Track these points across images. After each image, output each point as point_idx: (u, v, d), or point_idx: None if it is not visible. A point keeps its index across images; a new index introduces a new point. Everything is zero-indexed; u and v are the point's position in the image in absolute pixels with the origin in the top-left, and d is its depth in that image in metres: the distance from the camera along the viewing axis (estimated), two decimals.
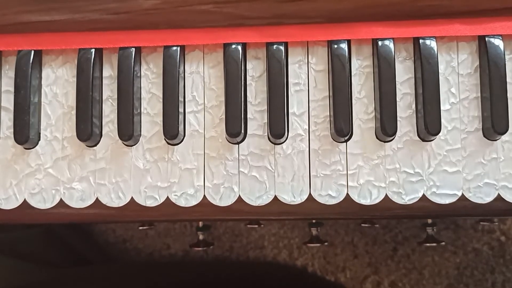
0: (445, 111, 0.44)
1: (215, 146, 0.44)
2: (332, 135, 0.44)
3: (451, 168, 0.43)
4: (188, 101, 0.45)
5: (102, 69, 0.46)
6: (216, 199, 0.44)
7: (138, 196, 0.45)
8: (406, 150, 0.44)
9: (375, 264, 0.84)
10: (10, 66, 0.46)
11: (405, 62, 0.44)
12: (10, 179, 0.46)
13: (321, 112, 0.44)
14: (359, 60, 0.44)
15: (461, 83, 0.44)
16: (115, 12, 0.45)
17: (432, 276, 0.83)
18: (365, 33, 0.44)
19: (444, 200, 0.43)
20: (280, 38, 0.44)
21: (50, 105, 0.46)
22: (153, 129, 0.45)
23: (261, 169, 0.44)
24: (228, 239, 0.84)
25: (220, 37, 0.44)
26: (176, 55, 0.44)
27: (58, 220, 0.46)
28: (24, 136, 0.45)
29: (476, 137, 0.44)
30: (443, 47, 0.44)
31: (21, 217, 0.46)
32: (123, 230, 0.87)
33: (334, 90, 0.43)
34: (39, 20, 0.45)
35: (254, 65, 0.45)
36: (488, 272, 0.82)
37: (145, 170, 0.45)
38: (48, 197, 0.45)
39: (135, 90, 0.45)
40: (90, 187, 0.45)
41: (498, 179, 0.43)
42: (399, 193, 0.43)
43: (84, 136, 0.44)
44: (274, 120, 0.43)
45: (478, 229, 0.82)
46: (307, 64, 0.45)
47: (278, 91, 0.43)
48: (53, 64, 0.46)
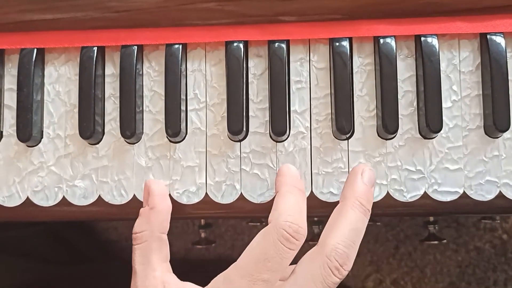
0: (447, 109, 0.44)
1: (217, 143, 0.45)
2: (333, 132, 0.44)
3: (452, 165, 0.43)
4: (190, 99, 0.45)
5: (104, 67, 0.46)
6: (218, 197, 0.44)
7: (140, 194, 0.45)
8: (408, 147, 0.44)
9: (377, 262, 0.84)
10: (13, 64, 0.47)
11: (407, 60, 0.44)
12: (13, 177, 0.46)
13: (322, 109, 0.44)
14: (360, 57, 0.44)
15: (462, 81, 0.44)
16: (117, 10, 0.45)
17: (434, 274, 0.83)
18: (366, 31, 0.44)
19: (445, 198, 0.43)
20: (281, 36, 0.44)
21: (52, 103, 0.46)
22: (155, 127, 0.45)
23: (262, 166, 0.44)
24: (230, 237, 0.84)
25: (222, 35, 0.44)
26: (178, 53, 0.44)
27: (60, 218, 0.47)
28: (27, 134, 0.45)
29: (478, 134, 0.44)
30: (445, 44, 0.44)
31: (23, 214, 0.46)
32: (125, 228, 0.87)
33: (336, 87, 0.43)
34: (41, 18, 0.45)
35: (255, 63, 0.45)
36: (490, 270, 0.82)
37: (147, 168, 0.45)
38: (51, 195, 0.45)
39: (137, 88, 0.45)
40: (93, 184, 0.45)
41: (499, 176, 0.43)
42: (401, 191, 0.43)
43: (87, 134, 0.44)
44: (275, 117, 0.43)
45: (480, 227, 0.82)
46: (309, 61, 0.45)
47: (279, 89, 0.43)
48: (55, 62, 0.47)
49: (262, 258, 0.37)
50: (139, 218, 0.42)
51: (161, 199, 0.42)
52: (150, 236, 0.41)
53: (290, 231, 0.38)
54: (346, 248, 0.38)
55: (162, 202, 0.42)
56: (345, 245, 0.38)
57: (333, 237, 0.38)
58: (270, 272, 0.37)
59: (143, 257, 0.40)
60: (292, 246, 0.37)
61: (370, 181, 0.41)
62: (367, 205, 0.40)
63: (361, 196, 0.40)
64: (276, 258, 0.37)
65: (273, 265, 0.37)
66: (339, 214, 0.40)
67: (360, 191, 0.40)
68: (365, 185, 0.40)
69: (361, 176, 0.41)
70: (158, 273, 0.40)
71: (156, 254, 0.41)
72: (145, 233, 0.41)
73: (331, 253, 0.37)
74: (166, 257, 0.41)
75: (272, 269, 0.37)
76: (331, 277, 0.37)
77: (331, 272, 0.37)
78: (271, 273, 0.37)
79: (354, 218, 0.39)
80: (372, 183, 0.41)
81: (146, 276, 0.39)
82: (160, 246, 0.41)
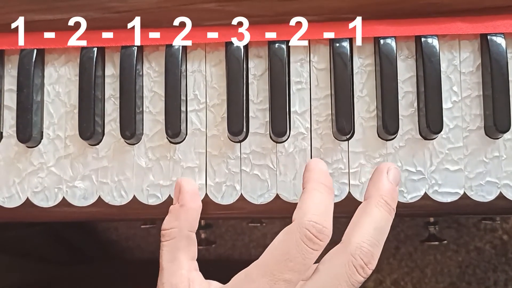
0: (447, 110, 0.43)
1: (217, 144, 0.45)
2: (334, 133, 0.44)
3: (453, 166, 0.43)
4: (190, 99, 0.45)
5: (104, 67, 0.46)
6: (218, 198, 0.44)
7: (140, 195, 0.45)
8: (408, 148, 0.44)
9: (377, 262, 0.84)
10: (13, 65, 0.47)
11: (407, 60, 0.44)
12: (13, 178, 0.46)
13: (323, 110, 0.44)
14: (361, 58, 0.44)
15: (463, 81, 0.44)
16: (118, 10, 0.45)
17: (434, 274, 0.83)
18: (367, 31, 0.43)
19: (446, 199, 0.43)
20: (282, 36, 0.44)
21: (52, 104, 0.46)
22: (155, 128, 0.45)
23: (263, 167, 0.44)
24: (230, 237, 0.84)
25: (222, 36, 0.44)
26: (178, 54, 0.44)
27: (60, 219, 0.47)
28: (26, 134, 0.45)
29: (478, 135, 0.43)
30: (445, 45, 0.44)
31: (23, 215, 0.46)
32: (125, 228, 0.87)
33: (336, 88, 0.43)
34: (41, 19, 0.45)
35: (256, 64, 0.45)
36: (490, 270, 0.82)
37: (147, 169, 0.45)
38: (51, 196, 0.45)
39: (137, 88, 0.45)
40: (93, 185, 0.45)
41: (500, 177, 0.43)
42: (401, 192, 0.43)
43: (87, 135, 0.44)
44: (276, 118, 0.43)
45: (480, 228, 0.82)
46: (309, 62, 0.45)
47: (280, 90, 0.43)
48: (55, 63, 0.46)
49: (284, 258, 0.36)
50: (169, 215, 0.41)
51: (191, 197, 0.42)
52: (179, 234, 0.40)
53: (313, 231, 0.37)
54: (371, 246, 0.37)
55: (192, 201, 0.42)
56: (370, 243, 0.37)
57: (358, 236, 0.37)
58: (292, 272, 0.36)
59: (171, 254, 0.40)
60: (315, 247, 0.37)
61: (395, 179, 0.41)
62: (392, 203, 0.39)
63: (386, 195, 0.39)
64: (299, 258, 0.36)
65: (295, 265, 0.36)
66: (363, 212, 0.39)
67: (385, 189, 0.40)
68: (390, 183, 0.40)
69: (386, 174, 0.40)
70: (184, 271, 0.39)
71: (184, 252, 0.40)
72: (173, 231, 0.41)
73: (356, 252, 0.37)
74: (193, 255, 0.41)
75: (294, 269, 0.36)
76: (355, 275, 0.36)
77: (355, 271, 0.36)
78: (293, 273, 0.36)
79: (379, 216, 0.38)
80: (397, 182, 0.41)
81: (173, 274, 0.39)
82: (188, 244, 0.41)
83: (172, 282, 0.39)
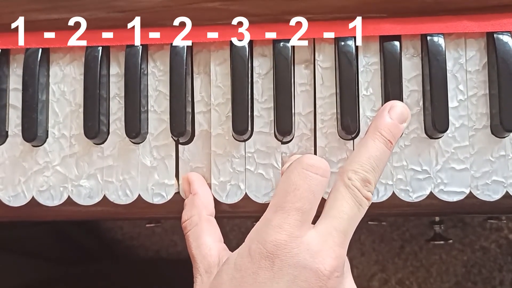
0: (453, 108, 0.43)
1: (222, 143, 0.44)
2: (339, 132, 0.44)
3: (459, 165, 0.43)
4: (196, 101, 0.45)
5: (109, 67, 0.46)
6: (223, 197, 0.44)
7: (145, 193, 0.45)
8: (414, 147, 0.43)
9: (382, 262, 0.84)
10: (18, 64, 0.47)
11: (413, 59, 0.44)
12: (18, 177, 0.46)
13: (328, 109, 0.44)
14: (366, 57, 0.44)
15: (469, 80, 0.44)
16: (122, 10, 0.45)
17: (440, 274, 0.82)
18: (372, 30, 0.43)
19: (451, 198, 0.43)
20: (286, 35, 0.44)
21: (58, 103, 0.46)
22: (160, 127, 0.45)
23: (267, 166, 0.44)
24: (235, 236, 0.84)
25: (226, 34, 0.44)
26: (183, 53, 0.44)
27: (65, 217, 0.47)
28: (32, 133, 0.45)
29: (484, 134, 0.43)
30: (451, 43, 0.44)
31: (29, 214, 0.46)
32: (130, 227, 0.87)
33: (341, 87, 0.43)
34: (46, 18, 0.45)
35: (260, 63, 0.45)
36: (496, 270, 0.81)
37: (152, 168, 0.45)
38: (56, 194, 0.46)
39: (142, 87, 0.45)
40: (98, 184, 0.45)
41: (506, 176, 0.43)
42: (407, 191, 0.43)
43: (92, 134, 0.44)
44: (280, 117, 0.43)
45: (486, 227, 0.82)
46: (314, 61, 0.45)
47: (284, 88, 0.43)
48: (60, 62, 0.47)
49: (291, 189, 0.37)
50: (185, 208, 0.43)
51: (201, 184, 0.43)
52: (199, 219, 0.41)
53: (314, 158, 0.38)
54: (365, 172, 0.38)
55: (202, 186, 0.43)
56: (363, 169, 0.38)
57: (351, 164, 0.38)
58: (301, 200, 0.37)
59: (197, 240, 0.40)
60: (318, 171, 0.37)
61: (399, 117, 0.41)
62: (389, 136, 0.40)
63: (382, 128, 0.40)
64: (304, 185, 0.37)
65: (302, 192, 0.37)
66: (358, 145, 0.40)
67: (382, 124, 0.40)
68: (390, 119, 0.40)
69: (387, 111, 0.41)
70: (214, 251, 0.40)
71: (208, 234, 0.41)
72: (194, 218, 0.41)
73: (351, 176, 0.38)
74: (219, 237, 0.41)
75: (302, 196, 0.37)
76: (358, 192, 0.37)
77: (356, 189, 0.37)
78: (302, 201, 0.37)
79: (373, 147, 0.39)
80: (401, 120, 0.41)
81: (204, 257, 0.39)
82: (211, 226, 0.41)
83: (205, 264, 0.39)
